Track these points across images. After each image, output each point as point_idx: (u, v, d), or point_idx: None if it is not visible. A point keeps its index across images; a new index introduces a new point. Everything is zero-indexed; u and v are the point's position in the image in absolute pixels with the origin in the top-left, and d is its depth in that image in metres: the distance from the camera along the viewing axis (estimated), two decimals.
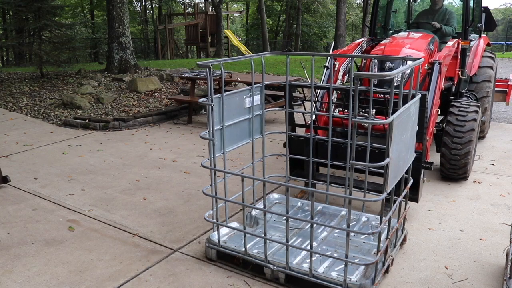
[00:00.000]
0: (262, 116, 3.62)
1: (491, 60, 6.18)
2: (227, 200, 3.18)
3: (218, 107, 3.07)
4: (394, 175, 2.58)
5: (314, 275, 2.75)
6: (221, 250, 3.12)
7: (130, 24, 20.32)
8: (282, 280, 2.86)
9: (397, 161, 2.58)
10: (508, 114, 8.48)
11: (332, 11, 34.72)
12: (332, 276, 2.75)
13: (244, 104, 3.37)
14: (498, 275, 2.99)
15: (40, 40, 10.89)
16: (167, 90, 9.69)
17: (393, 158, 2.43)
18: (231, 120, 3.24)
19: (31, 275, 2.99)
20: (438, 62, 4.27)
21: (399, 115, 2.45)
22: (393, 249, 3.07)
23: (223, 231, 3.28)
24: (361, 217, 3.56)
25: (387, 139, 2.38)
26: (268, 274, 2.92)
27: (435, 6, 5.65)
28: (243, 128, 3.43)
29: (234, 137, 3.32)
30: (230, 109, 3.20)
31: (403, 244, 3.35)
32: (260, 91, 3.55)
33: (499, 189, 4.55)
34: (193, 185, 4.69)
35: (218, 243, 3.13)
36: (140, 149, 6.02)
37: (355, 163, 2.40)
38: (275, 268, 2.87)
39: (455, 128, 4.52)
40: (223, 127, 3.14)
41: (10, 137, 6.52)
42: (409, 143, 2.91)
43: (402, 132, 2.63)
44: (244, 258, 3.02)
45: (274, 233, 3.35)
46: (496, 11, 50.99)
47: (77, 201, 4.24)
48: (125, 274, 3.00)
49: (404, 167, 2.85)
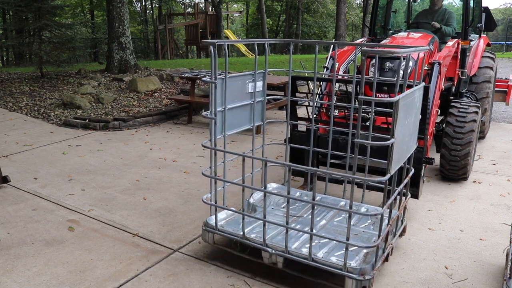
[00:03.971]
0: (263, 103, 3.62)
1: (491, 60, 6.18)
2: (226, 181, 3.12)
3: (221, 88, 3.07)
4: (398, 157, 2.57)
5: (313, 259, 2.71)
6: (218, 233, 3.07)
7: (130, 24, 20.32)
8: (280, 264, 2.81)
9: (401, 144, 2.58)
10: (508, 114, 8.49)
11: (332, 11, 34.73)
12: (332, 261, 2.72)
13: (246, 89, 3.38)
14: (498, 275, 2.99)
15: (40, 40, 10.89)
16: (167, 90, 9.69)
17: (397, 139, 2.44)
18: (233, 103, 3.24)
19: (31, 275, 2.99)
20: (438, 63, 4.27)
21: (405, 96, 2.48)
22: (393, 238, 3.05)
23: (220, 216, 3.23)
24: (360, 207, 3.55)
25: (392, 119, 2.40)
26: (266, 258, 2.86)
27: (434, 6, 5.65)
28: (245, 113, 3.44)
29: (235, 121, 3.32)
30: (232, 92, 3.21)
31: (402, 235, 3.33)
32: (262, 78, 3.56)
33: (499, 189, 4.55)
34: (193, 185, 4.69)
35: (216, 226, 3.08)
36: (140, 149, 6.02)
37: (360, 141, 2.42)
38: (274, 251, 2.82)
39: (454, 129, 4.51)
40: (225, 109, 3.13)
41: (10, 137, 6.52)
42: (413, 129, 2.91)
43: (407, 116, 2.64)
44: (241, 241, 2.97)
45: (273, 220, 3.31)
46: (496, 11, 50.98)
47: (77, 201, 4.24)
48: (125, 274, 3.00)
49: (407, 152, 2.84)
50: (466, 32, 5.29)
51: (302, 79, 4.33)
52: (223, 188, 3.34)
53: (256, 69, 3.41)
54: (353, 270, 2.60)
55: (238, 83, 3.28)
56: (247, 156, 2.85)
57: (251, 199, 3.64)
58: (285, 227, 2.77)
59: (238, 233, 3.03)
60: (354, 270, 2.60)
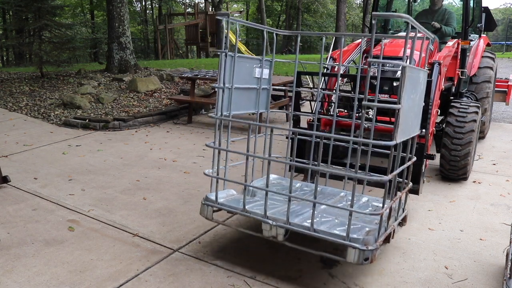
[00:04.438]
0: (268, 92, 3.64)
1: (491, 60, 6.18)
2: (228, 151, 3.07)
3: (230, 64, 3.09)
4: (404, 127, 2.56)
5: (315, 230, 2.65)
6: (218, 207, 3.02)
7: (130, 24, 20.32)
8: (281, 237, 2.75)
9: (407, 113, 2.59)
10: (508, 114, 8.49)
11: (332, 11, 34.75)
12: (335, 233, 2.67)
13: (253, 73, 3.40)
14: (498, 275, 2.99)
15: (40, 40, 10.89)
16: (167, 90, 9.69)
17: (403, 106, 2.46)
18: (240, 84, 3.26)
19: (31, 275, 2.99)
20: (438, 63, 4.27)
21: (411, 67, 2.50)
22: (394, 221, 3.01)
23: (221, 195, 3.18)
24: (361, 198, 3.54)
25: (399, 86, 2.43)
26: (266, 231, 2.78)
27: (434, 6, 5.65)
28: (251, 97, 3.45)
29: (241, 102, 3.33)
30: (239, 73, 3.23)
31: (403, 224, 3.30)
32: (269, 66, 3.58)
33: (499, 189, 4.55)
34: (193, 185, 4.69)
35: (216, 200, 3.03)
36: (140, 149, 6.02)
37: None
38: (274, 223, 2.75)
39: (454, 129, 4.51)
40: (232, 86, 3.14)
41: (10, 137, 6.52)
42: (417, 109, 2.91)
43: (412, 90, 2.64)
44: (242, 214, 2.92)
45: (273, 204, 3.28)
46: (496, 11, 51.00)
47: (77, 201, 4.24)
48: (125, 274, 3.00)
49: (411, 131, 2.84)
50: (466, 32, 5.29)
51: (306, 73, 4.41)
52: (224, 167, 3.30)
53: (264, 55, 3.43)
54: (356, 240, 2.54)
55: (246, 65, 3.30)
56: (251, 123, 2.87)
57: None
58: (287, 195, 2.73)
59: (238, 207, 2.98)
60: (357, 240, 2.54)
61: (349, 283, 2.88)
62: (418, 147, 3.29)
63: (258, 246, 3.35)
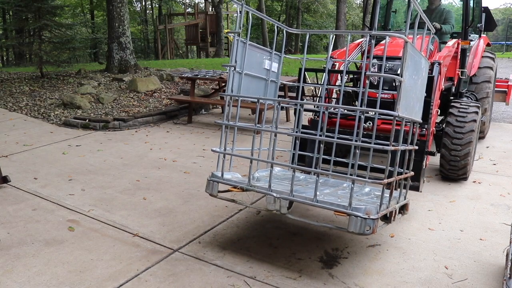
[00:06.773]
0: (276, 85, 3.69)
1: (491, 60, 6.18)
2: (235, 125, 3.10)
3: (242, 49, 3.13)
4: (405, 102, 2.59)
5: (318, 200, 2.67)
6: (223, 182, 3.06)
7: (130, 24, 20.33)
8: (284, 209, 2.78)
9: (408, 92, 2.61)
10: (508, 114, 8.49)
11: (332, 11, 34.74)
12: (336, 203, 2.69)
13: (263, 64, 3.46)
14: (498, 275, 2.99)
15: (40, 40, 10.90)
16: (167, 90, 9.69)
17: (405, 79, 2.50)
18: (250, 71, 3.31)
19: (31, 275, 2.99)
20: (438, 63, 4.27)
21: (412, 44, 2.55)
22: (396, 204, 3.01)
23: (226, 175, 3.21)
24: (363, 188, 3.54)
25: (401, 62, 2.48)
26: (270, 204, 2.82)
27: (432, 5, 5.66)
28: (259, 87, 3.50)
29: (250, 90, 3.38)
30: (250, 61, 3.28)
31: (405, 213, 3.29)
32: (278, 60, 3.63)
33: (499, 189, 4.55)
34: (193, 185, 4.69)
35: (222, 175, 3.08)
36: (140, 149, 6.02)
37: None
38: (278, 196, 2.78)
39: (454, 129, 4.51)
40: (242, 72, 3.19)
41: (10, 137, 6.52)
42: (419, 94, 2.94)
43: (413, 71, 2.68)
44: (247, 188, 2.95)
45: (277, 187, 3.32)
46: (496, 11, 51.00)
47: (77, 201, 4.24)
48: (125, 274, 3.00)
49: (413, 113, 2.86)
50: (466, 32, 5.29)
51: (312, 70, 4.49)
52: (231, 149, 3.36)
53: (274, 49, 3.49)
54: (358, 209, 2.54)
55: (256, 54, 3.36)
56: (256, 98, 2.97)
57: (256, 173, 3.64)
58: (291, 167, 2.78)
59: (243, 182, 3.03)
60: (359, 209, 2.53)
61: (349, 283, 2.88)
62: (419, 143, 3.30)
63: (258, 246, 3.35)
